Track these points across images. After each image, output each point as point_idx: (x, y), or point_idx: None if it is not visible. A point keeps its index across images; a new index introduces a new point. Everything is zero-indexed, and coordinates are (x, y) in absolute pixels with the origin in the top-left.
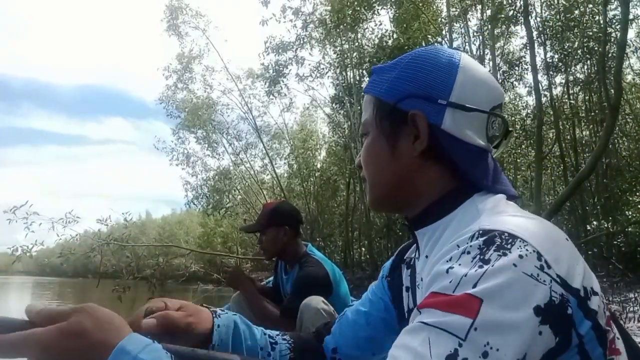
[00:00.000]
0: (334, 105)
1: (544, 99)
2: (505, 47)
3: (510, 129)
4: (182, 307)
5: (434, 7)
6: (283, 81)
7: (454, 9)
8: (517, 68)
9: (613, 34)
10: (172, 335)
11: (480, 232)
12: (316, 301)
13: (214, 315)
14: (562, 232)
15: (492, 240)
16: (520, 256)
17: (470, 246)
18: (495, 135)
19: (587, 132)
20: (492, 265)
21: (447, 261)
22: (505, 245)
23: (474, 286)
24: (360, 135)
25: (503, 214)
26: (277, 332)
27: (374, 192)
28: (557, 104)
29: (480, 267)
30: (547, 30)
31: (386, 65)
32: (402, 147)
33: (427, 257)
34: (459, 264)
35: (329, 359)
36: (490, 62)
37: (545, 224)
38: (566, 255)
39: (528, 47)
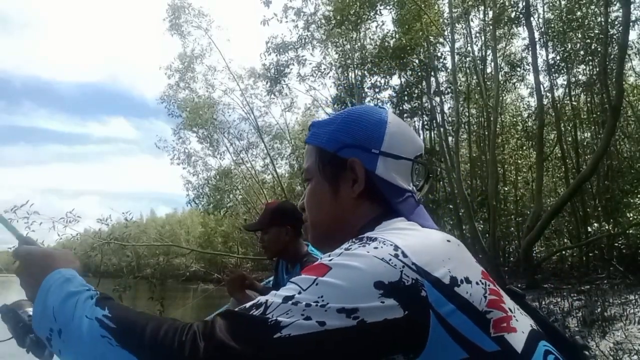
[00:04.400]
0: (335, 105)
1: (545, 101)
2: (507, 48)
3: (430, 174)
4: None
5: (436, 7)
6: (284, 81)
7: (456, 10)
8: (518, 69)
9: (615, 36)
10: None
11: (357, 237)
12: None
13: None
14: (449, 241)
15: (361, 239)
16: (376, 247)
17: (346, 244)
18: (419, 180)
19: (589, 134)
20: (349, 249)
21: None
22: (367, 242)
23: (330, 260)
24: (303, 180)
25: (390, 228)
26: None
27: (316, 231)
28: (558, 105)
29: (342, 250)
30: (549, 31)
31: (324, 121)
32: (342, 189)
33: None
34: (329, 254)
35: None
36: (492, 63)
37: (428, 234)
38: (436, 253)
39: (530, 48)
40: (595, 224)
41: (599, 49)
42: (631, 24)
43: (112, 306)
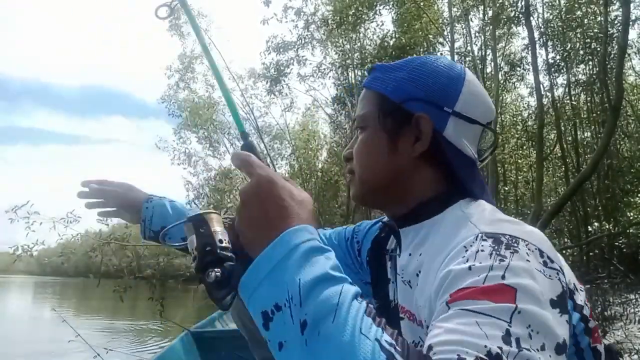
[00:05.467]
0: (335, 105)
1: (545, 100)
2: (506, 47)
3: (496, 145)
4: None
5: (436, 7)
6: (284, 80)
7: (455, 9)
8: (518, 69)
9: (615, 35)
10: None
11: (483, 235)
12: None
13: (147, 197)
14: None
15: (499, 240)
16: (527, 253)
17: (482, 246)
18: (483, 149)
19: (589, 133)
20: (511, 260)
21: (465, 262)
22: (513, 244)
23: (503, 278)
24: (355, 127)
25: (495, 219)
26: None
27: (364, 186)
28: (558, 104)
29: (501, 261)
30: (549, 31)
31: (391, 65)
32: (401, 146)
33: (410, 254)
34: (479, 262)
35: None
36: (492, 63)
37: (530, 227)
38: (555, 253)
39: (529, 48)
40: (596, 223)
41: (599, 49)
42: (631, 23)
43: (390, 331)
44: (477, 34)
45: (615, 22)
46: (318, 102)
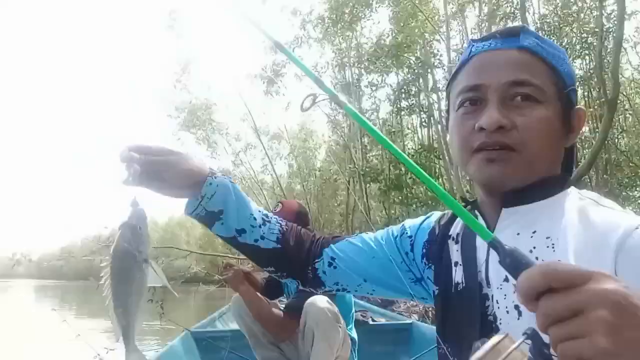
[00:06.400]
0: (333, 104)
1: None
2: None
3: None
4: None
5: (431, 4)
6: (281, 80)
7: (451, 6)
8: None
9: (611, 29)
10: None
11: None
12: (321, 300)
13: (211, 172)
14: None
15: None
16: None
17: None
18: None
19: (586, 128)
20: None
21: None
22: None
23: None
24: (518, 94)
25: (617, 208)
26: (273, 215)
27: (531, 167)
28: None
29: None
30: (545, 26)
31: (545, 39)
32: (566, 131)
33: (518, 234)
34: None
35: (326, 264)
36: None
37: None
38: None
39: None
40: None
41: (595, 43)
42: (626, 17)
43: None
44: (473, 31)
45: (612, 16)
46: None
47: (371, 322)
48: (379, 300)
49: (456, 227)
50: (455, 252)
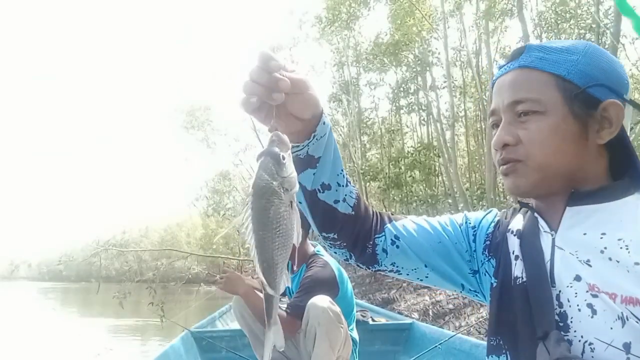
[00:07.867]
0: (331, 103)
1: None
2: (501, 41)
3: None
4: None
5: (428, 3)
6: None
7: (448, 4)
8: None
9: (608, 25)
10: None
11: None
12: (323, 301)
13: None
14: None
15: None
16: None
17: None
18: None
19: None
20: None
21: None
22: None
23: None
24: (517, 113)
25: None
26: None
27: (543, 173)
28: None
29: None
30: (543, 22)
31: (553, 47)
32: (589, 132)
33: (585, 234)
34: None
35: (389, 242)
36: (487, 57)
37: None
38: None
39: (523, 41)
40: None
41: (592, 40)
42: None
43: None
44: (470, 28)
45: (609, 12)
46: None
47: (371, 322)
48: (379, 300)
49: (517, 223)
50: (516, 246)
